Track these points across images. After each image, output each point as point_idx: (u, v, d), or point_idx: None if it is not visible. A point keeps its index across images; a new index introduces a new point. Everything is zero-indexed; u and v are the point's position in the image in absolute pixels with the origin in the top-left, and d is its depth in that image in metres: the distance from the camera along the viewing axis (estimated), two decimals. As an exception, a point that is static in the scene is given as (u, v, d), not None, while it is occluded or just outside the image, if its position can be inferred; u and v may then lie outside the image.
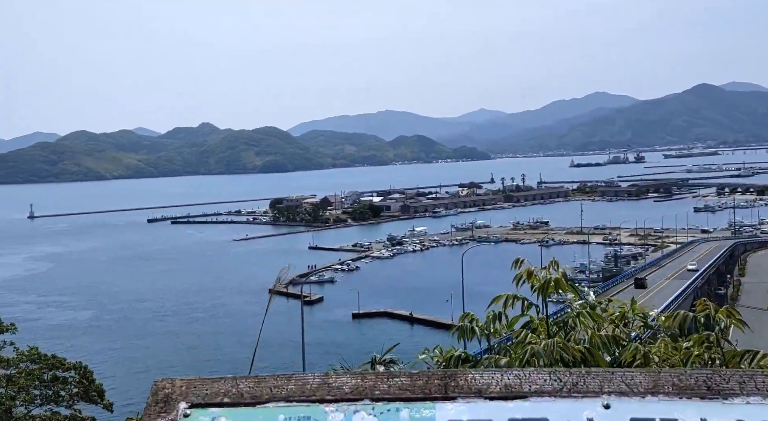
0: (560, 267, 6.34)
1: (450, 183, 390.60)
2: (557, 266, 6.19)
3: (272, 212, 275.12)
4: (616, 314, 6.57)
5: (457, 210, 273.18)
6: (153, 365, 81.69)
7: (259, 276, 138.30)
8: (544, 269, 6.21)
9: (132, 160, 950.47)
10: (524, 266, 6.48)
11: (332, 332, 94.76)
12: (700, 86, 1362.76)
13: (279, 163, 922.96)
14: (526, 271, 6.32)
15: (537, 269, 6.27)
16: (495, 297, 6.48)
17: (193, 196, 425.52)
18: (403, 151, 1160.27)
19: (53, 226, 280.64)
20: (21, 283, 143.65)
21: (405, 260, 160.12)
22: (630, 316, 6.60)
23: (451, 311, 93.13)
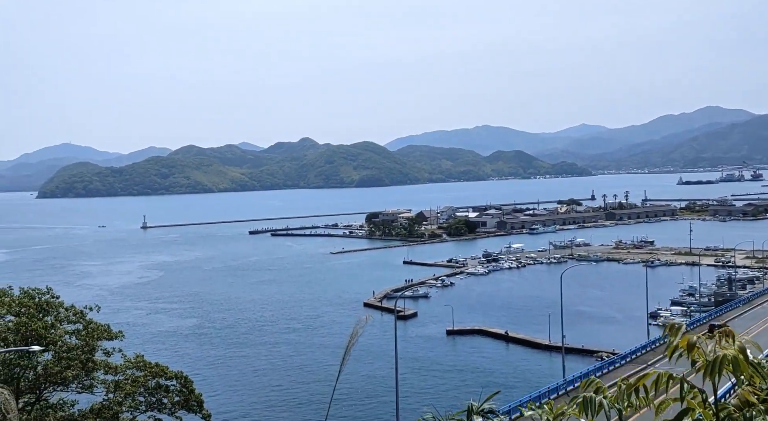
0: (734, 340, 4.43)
1: (548, 199, 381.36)
2: (733, 338, 4.38)
3: (368, 225, 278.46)
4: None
5: (555, 227, 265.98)
6: (250, 374, 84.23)
7: (354, 289, 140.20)
8: (711, 338, 4.45)
9: (236, 174, 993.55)
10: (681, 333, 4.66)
11: (426, 348, 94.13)
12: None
13: (376, 177, 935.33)
14: (684, 341, 4.53)
15: (701, 340, 4.48)
16: (643, 374, 4.73)
17: (293, 209, 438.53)
18: (500, 166, 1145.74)
19: (164, 236, 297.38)
20: (133, 290, 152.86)
21: (501, 277, 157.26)
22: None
23: (549, 331, 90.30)
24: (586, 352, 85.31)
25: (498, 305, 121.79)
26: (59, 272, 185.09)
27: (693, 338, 4.49)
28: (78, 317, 34.23)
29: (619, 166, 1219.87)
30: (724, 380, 4.39)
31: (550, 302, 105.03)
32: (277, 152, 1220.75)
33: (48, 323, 32.65)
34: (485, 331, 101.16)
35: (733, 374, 4.23)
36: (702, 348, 4.43)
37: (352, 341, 11.71)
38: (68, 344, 32.98)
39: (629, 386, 4.84)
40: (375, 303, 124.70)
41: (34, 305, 32.97)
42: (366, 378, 79.10)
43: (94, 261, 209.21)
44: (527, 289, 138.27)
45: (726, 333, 4.44)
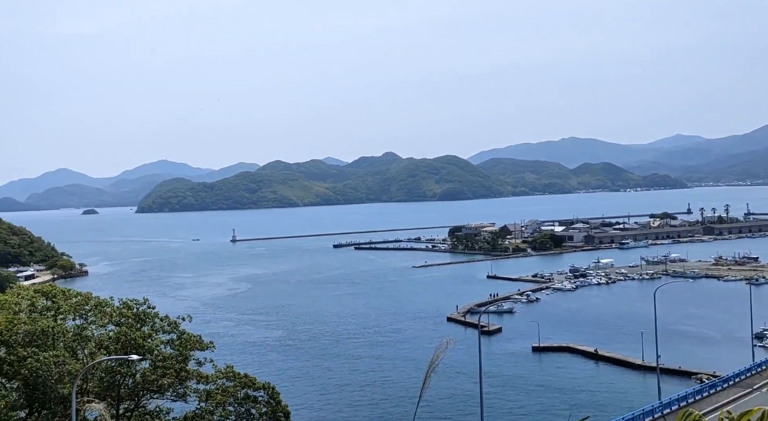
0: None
1: (639, 213, 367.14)
2: None
3: (451, 239, 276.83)
4: None
5: (647, 242, 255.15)
6: (333, 387, 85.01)
7: (437, 303, 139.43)
8: None
9: (321, 189, 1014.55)
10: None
11: (511, 365, 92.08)
12: None
13: (458, 190, 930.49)
14: None
15: None
16: (747, 410, 4.26)
17: (375, 223, 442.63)
18: (587, 179, 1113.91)
19: (251, 249, 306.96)
20: (223, 301, 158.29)
21: (589, 292, 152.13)
22: None
23: (642, 350, 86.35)
24: (684, 373, 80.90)
25: (586, 322, 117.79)
26: (155, 283, 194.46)
27: None
28: (172, 327, 35.66)
29: (717, 178, 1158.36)
30: None
31: (642, 319, 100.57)
32: (360, 167, 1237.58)
33: (145, 333, 34.20)
34: (573, 348, 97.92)
35: None
36: None
37: (432, 366, 11.43)
38: (163, 353, 34.40)
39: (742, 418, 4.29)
40: (458, 318, 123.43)
41: (132, 315, 34.64)
42: (449, 394, 78.14)
43: (187, 273, 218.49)
44: (618, 306, 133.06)
45: None
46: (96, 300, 35.84)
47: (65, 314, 34.67)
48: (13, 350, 30.35)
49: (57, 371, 29.32)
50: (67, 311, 34.67)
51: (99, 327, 34.93)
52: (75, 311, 34.97)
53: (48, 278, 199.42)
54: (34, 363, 28.76)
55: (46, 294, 35.67)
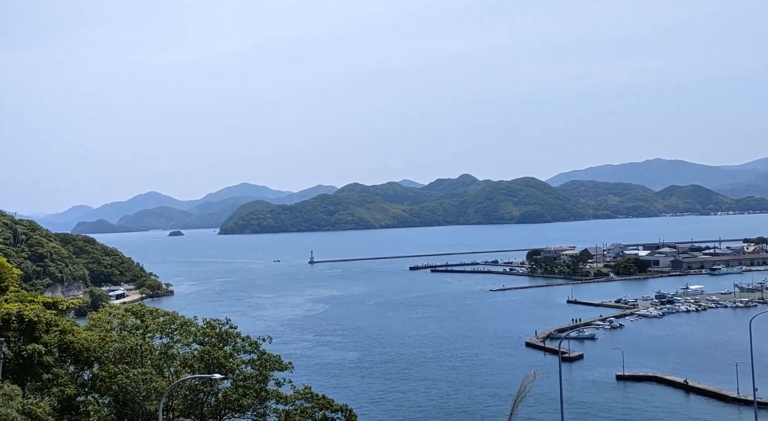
0: None
1: (732, 238, 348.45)
2: None
3: (529, 262, 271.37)
4: None
5: (741, 268, 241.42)
6: (409, 411, 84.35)
7: (515, 328, 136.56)
8: None
9: (397, 211, 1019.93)
10: None
11: (593, 394, 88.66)
12: None
13: (537, 213, 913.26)
14: None
15: None
16: None
17: (452, 245, 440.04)
18: (674, 201, 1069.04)
19: (329, 270, 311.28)
20: (301, 322, 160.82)
21: (677, 320, 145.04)
22: None
23: (737, 382, 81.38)
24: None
25: (675, 351, 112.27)
26: (237, 303, 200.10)
27: None
28: (253, 347, 36.56)
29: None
30: None
31: (737, 349, 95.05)
32: (437, 189, 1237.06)
33: (227, 353, 35.22)
34: (661, 378, 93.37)
35: None
36: None
37: (520, 397, 11.22)
38: (244, 373, 35.29)
39: None
40: (538, 343, 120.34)
41: (215, 334, 35.80)
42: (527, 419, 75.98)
43: (267, 294, 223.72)
44: (709, 334, 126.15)
45: None
46: (182, 320, 37.28)
47: (153, 333, 36.25)
48: (105, 367, 31.93)
49: (145, 388, 30.60)
50: (155, 329, 36.24)
51: (184, 346, 36.28)
52: (162, 329, 36.52)
53: (137, 297, 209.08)
54: (123, 380, 30.14)
55: (136, 313, 37.46)
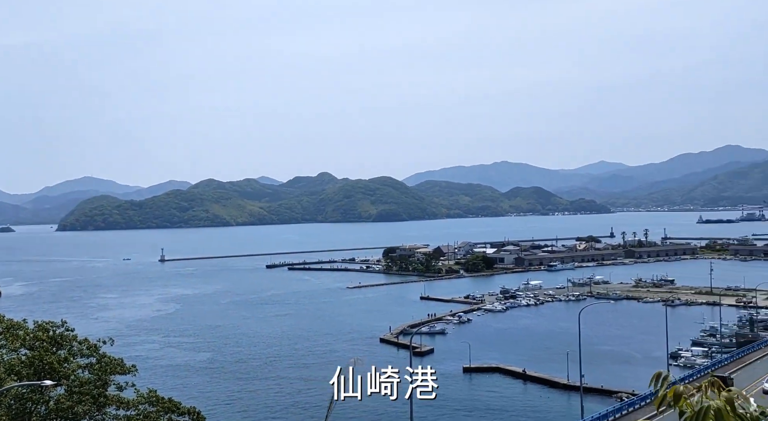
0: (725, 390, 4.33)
1: (567, 236, 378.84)
2: (719, 387, 4.36)
3: (385, 260, 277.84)
4: None
5: (574, 264, 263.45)
6: (260, 410, 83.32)
7: (370, 324, 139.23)
8: (698, 390, 4.38)
9: (255, 208, 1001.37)
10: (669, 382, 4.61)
11: (441, 386, 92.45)
12: None
13: (393, 212, 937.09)
14: (672, 391, 4.49)
15: (689, 390, 4.42)
16: None
17: (310, 243, 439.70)
18: (518, 202, 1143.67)
19: (181, 269, 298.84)
20: (149, 323, 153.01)
21: (518, 313, 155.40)
22: None
23: (567, 370, 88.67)
24: (606, 392, 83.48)
25: (516, 343, 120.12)
26: (76, 304, 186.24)
27: (680, 388, 4.41)
28: (91, 350, 34.24)
29: (638, 204, 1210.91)
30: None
31: (569, 339, 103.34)
32: (295, 187, 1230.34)
33: (61, 357, 32.68)
34: (503, 369, 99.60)
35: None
36: (689, 399, 4.36)
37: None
38: (81, 378, 32.93)
39: None
40: (391, 339, 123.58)
41: (48, 338, 33.07)
42: (377, 416, 77.94)
43: (111, 294, 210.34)
44: (545, 326, 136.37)
45: (713, 383, 4.36)
46: (8, 323, 34.07)
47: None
48: None
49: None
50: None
51: (10, 351, 33.17)
52: (-17, 334, 33.10)
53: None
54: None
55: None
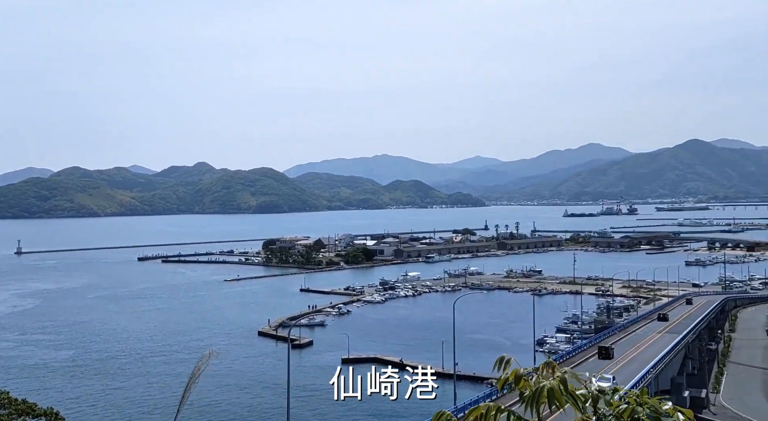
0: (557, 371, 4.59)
1: (444, 229, 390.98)
2: (553, 369, 4.63)
3: (265, 252, 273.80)
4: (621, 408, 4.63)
5: (450, 256, 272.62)
6: (126, 408, 79.56)
7: (249, 317, 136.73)
8: (536, 371, 4.67)
9: (126, 198, 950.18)
10: (512, 365, 4.84)
11: (320, 377, 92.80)
12: (692, 142, 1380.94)
13: (274, 204, 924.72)
14: (513, 374, 4.74)
15: (528, 371, 4.71)
16: (472, 408, 4.73)
17: (186, 235, 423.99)
18: (398, 195, 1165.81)
19: (41, 262, 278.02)
20: (2, 320, 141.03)
21: (397, 304, 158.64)
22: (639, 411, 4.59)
23: (442, 359, 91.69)
24: (477, 379, 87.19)
25: (394, 333, 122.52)
26: None
27: (520, 371, 4.61)
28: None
29: (510, 198, 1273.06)
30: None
31: (444, 328, 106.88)
32: (171, 176, 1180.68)
33: None
34: (380, 359, 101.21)
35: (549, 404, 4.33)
36: (529, 380, 4.51)
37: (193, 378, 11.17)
38: None
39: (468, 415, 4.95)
40: (270, 332, 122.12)
41: None
42: (250, 410, 76.97)
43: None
44: (422, 316, 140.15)
45: (549, 365, 4.54)
46: None
47: None
48: None
49: None
50: None
51: None
52: None
53: None
54: None
55: None
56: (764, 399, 78.99)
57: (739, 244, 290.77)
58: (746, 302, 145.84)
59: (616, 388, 4.99)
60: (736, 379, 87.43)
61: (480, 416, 4.59)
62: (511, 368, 4.84)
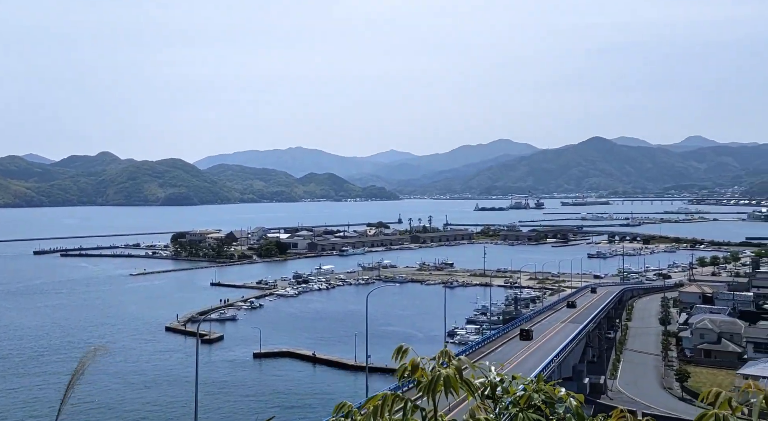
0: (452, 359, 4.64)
1: (358, 222, 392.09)
2: (449, 357, 4.67)
3: (174, 246, 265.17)
4: (518, 394, 4.79)
5: (364, 249, 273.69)
6: (18, 409, 75.12)
7: (156, 313, 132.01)
8: (433, 360, 4.66)
9: (20, 188, 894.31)
10: (409, 355, 4.75)
11: (230, 372, 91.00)
12: (595, 139, 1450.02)
13: (184, 196, 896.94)
14: (410, 363, 4.67)
15: (425, 360, 4.65)
16: (370, 397, 4.65)
17: (88, 227, 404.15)
18: (312, 188, 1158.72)
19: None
20: None
21: (310, 298, 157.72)
22: (535, 397, 4.74)
23: (355, 351, 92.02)
24: (390, 371, 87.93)
25: (307, 327, 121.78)
26: None
27: (417, 360, 4.59)
28: None
29: (424, 191, 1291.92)
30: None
31: (357, 322, 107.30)
32: (71, 166, 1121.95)
33: None
34: (293, 353, 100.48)
35: (445, 393, 4.39)
36: (425, 368, 4.53)
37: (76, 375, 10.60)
38: None
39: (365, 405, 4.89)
40: (178, 327, 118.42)
41: None
42: (156, 407, 74.51)
43: None
44: (336, 309, 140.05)
45: (446, 354, 4.63)
46: None
47: None
48: None
49: None
50: None
51: None
52: None
53: None
54: None
55: None
56: (656, 383, 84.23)
57: (636, 237, 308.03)
58: (642, 293, 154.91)
59: (515, 376, 5.07)
60: (631, 365, 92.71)
61: (378, 404, 4.49)
62: (409, 357, 4.76)
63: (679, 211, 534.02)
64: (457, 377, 4.45)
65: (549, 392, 4.75)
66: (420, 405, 4.64)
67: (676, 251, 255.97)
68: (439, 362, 4.52)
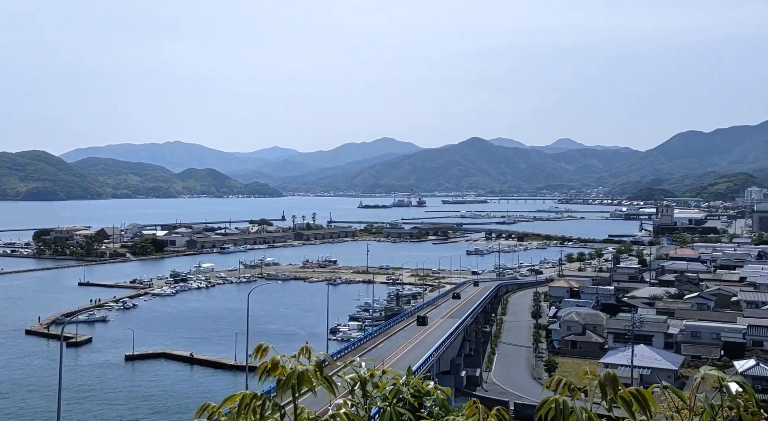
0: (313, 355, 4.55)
1: (240, 219, 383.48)
2: (310, 353, 4.59)
3: (36, 244, 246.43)
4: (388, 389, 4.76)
5: (246, 247, 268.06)
6: None
7: (15, 315, 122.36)
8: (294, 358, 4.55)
9: None
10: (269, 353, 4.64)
11: (98, 376, 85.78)
12: (474, 139, 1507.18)
13: (48, 190, 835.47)
14: (270, 361, 4.55)
15: (286, 358, 4.54)
16: (228, 397, 4.42)
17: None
18: (192, 184, 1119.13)
19: None
20: None
21: (189, 297, 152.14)
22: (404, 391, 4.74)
23: (235, 351, 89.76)
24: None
25: (184, 327, 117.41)
26: None
27: (277, 358, 4.55)
28: None
29: (308, 188, 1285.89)
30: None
31: (238, 321, 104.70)
32: None
33: None
34: (169, 354, 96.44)
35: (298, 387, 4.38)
36: (285, 365, 4.51)
37: None
38: None
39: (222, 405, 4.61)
40: (40, 330, 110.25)
41: None
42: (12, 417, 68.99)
43: None
44: (216, 308, 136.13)
45: (305, 350, 4.64)
46: None
47: None
48: None
49: None
50: None
51: None
52: None
53: None
54: None
55: None
56: (527, 374, 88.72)
57: (512, 235, 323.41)
58: (516, 288, 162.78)
59: (385, 370, 4.91)
60: (505, 358, 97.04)
61: (239, 403, 4.32)
62: (269, 355, 4.62)
63: (550, 210, 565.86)
64: (318, 372, 4.36)
65: (417, 386, 4.75)
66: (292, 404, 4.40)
67: (547, 247, 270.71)
68: (298, 359, 4.47)
